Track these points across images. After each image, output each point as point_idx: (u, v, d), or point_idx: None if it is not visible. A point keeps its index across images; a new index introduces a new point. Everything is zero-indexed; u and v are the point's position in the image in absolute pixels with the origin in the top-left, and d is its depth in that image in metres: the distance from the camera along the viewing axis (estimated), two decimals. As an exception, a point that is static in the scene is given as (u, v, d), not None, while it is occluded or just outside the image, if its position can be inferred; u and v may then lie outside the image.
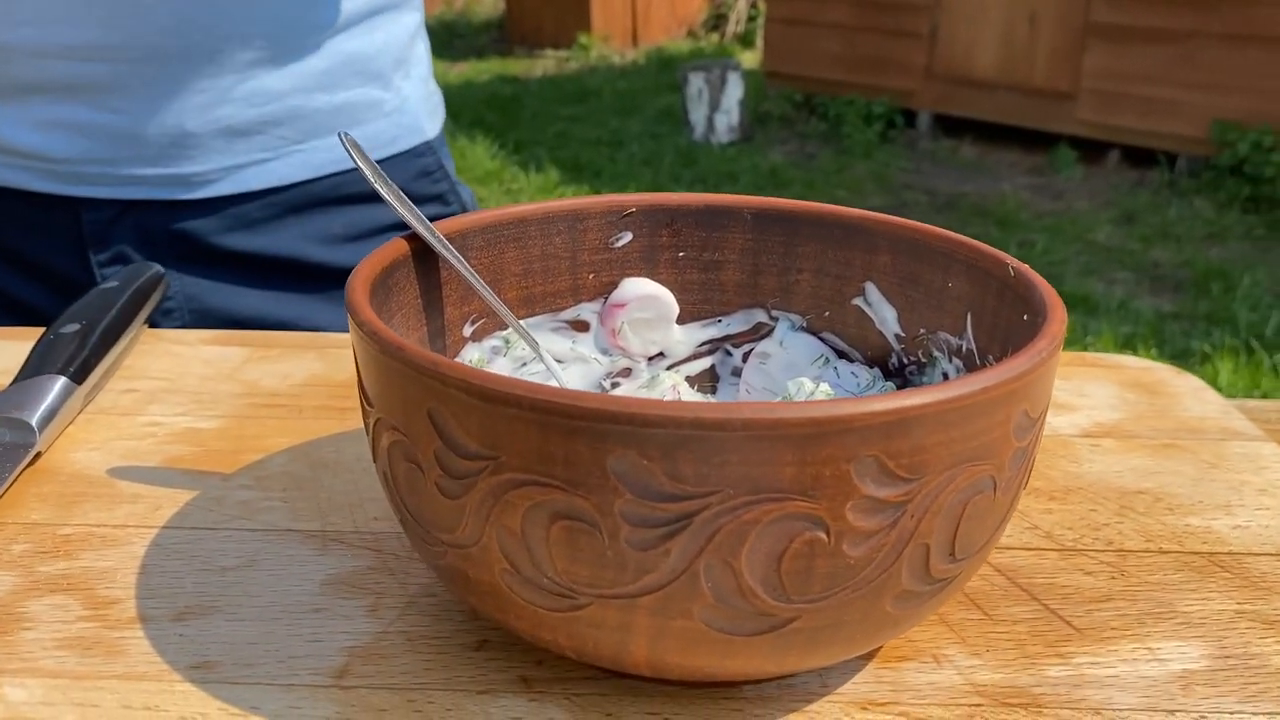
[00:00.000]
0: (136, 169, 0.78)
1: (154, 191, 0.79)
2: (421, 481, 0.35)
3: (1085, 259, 3.95)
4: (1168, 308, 3.53)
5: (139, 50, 0.74)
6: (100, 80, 0.74)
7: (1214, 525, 0.50)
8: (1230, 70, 4.51)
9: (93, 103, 0.75)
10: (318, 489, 0.52)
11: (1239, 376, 2.98)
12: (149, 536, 0.48)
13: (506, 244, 0.49)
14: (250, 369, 0.65)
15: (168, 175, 0.78)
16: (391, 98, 0.86)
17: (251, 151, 0.80)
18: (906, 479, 0.32)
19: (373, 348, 0.35)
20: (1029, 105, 5.21)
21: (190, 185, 0.79)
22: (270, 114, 0.79)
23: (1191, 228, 4.21)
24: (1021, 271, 0.42)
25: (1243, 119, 4.48)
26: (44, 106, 0.75)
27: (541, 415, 0.31)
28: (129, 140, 0.76)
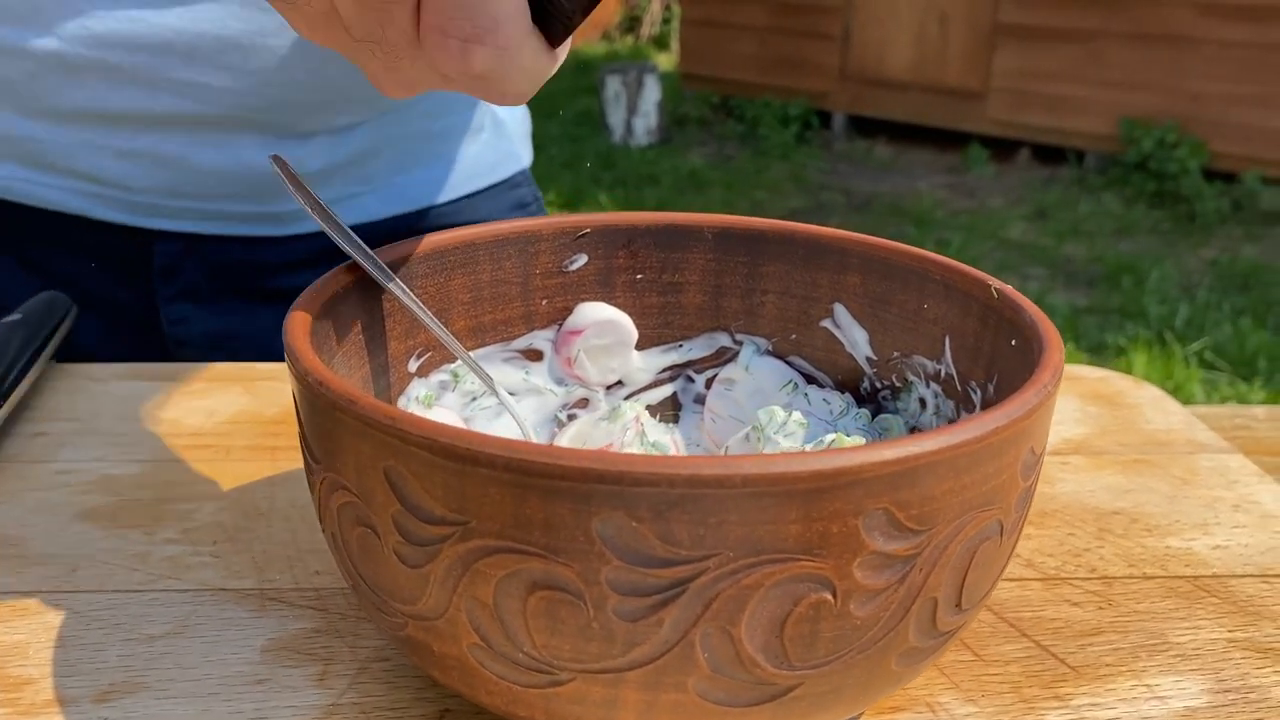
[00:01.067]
0: (223, 205, 0.71)
1: (238, 227, 0.72)
2: (378, 548, 0.31)
3: (1000, 255, 4.03)
4: (1082, 302, 3.61)
5: (259, 98, 0.66)
6: (202, 118, 0.67)
7: (1194, 546, 0.49)
8: (1136, 68, 4.64)
9: (187, 138, 0.68)
10: (252, 540, 0.48)
11: (1153, 369, 3.06)
12: (65, 603, 0.43)
13: (454, 270, 0.46)
14: (171, 406, 0.60)
15: (255, 213, 0.72)
16: (490, 120, 0.79)
17: (347, 184, 0.73)
18: (916, 530, 0.29)
19: (319, 400, 0.32)
20: (941, 105, 5.30)
21: (278, 222, 0.72)
22: (370, 146, 0.72)
23: (1101, 223, 4.32)
24: (1005, 293, 0.40)
25: (1148, 116, 4.61)
26: (130, 136, 0.67)
27: (517, 476, 0.28)
28: (219, 177, 0.69)
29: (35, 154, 0.68)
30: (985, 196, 4.71)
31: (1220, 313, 3.43)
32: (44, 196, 0.70)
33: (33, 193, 0.70)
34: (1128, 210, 4.44)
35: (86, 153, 0.68)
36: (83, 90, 0.65)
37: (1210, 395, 2.97)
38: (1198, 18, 4.48)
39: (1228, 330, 3.28)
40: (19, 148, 0.68)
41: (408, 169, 0.75)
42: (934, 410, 0.44)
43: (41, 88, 0.65)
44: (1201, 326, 3.32)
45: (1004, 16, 5.01)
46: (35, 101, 0.66)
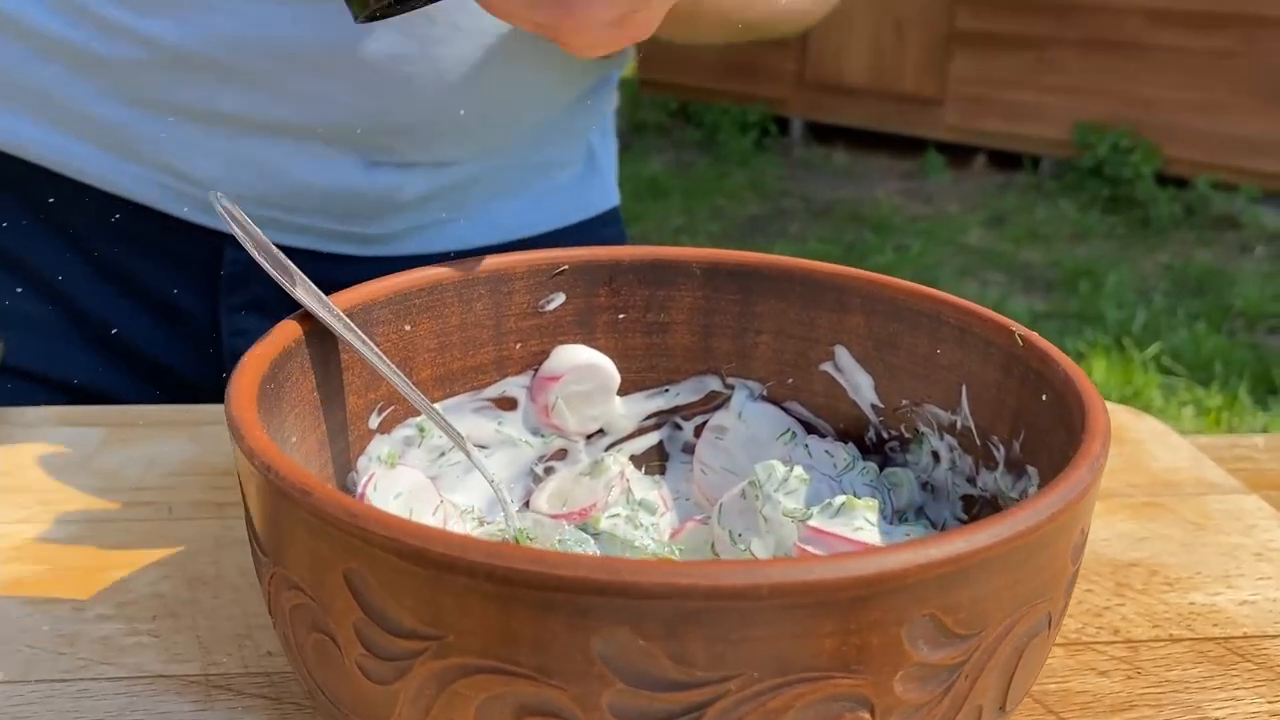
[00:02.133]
0: (312, 220, 0.66)
1: (320, 243, 0.68)
2: (338, 658, 0.27)
3: (959, 261, 4.03)
4: (1040, 307, 3.62)
5: (379, 122, 0.63)
6: (311, 130, 0.63)
7: (1219, 602, 0.45)
8: (1089, 75, 4.67)
9: (290, 149, 0.63)
10: (196, 615, 0.43)
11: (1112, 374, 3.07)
12: (-20, 698, 0.38)
13: (418, 315, 0.42)
14: (108, 455, 0.55)
15: (347, 232, 0.68)
16: (586, 155, 0.76)
17: (440, 211, 0.69)
18: (964, 636, 0.25)
19: (267, 487, 0.27)
20: (898, 111, 5.31)
21: (366, 243, 0.69)
22: (471, 174, 0.69)
23: (1058, 228, 4.34)
24: (1030, 341, 0.37)
25: (1102, 122, 4.65)
26: (229, 137, 0.63)
27: (502, 586, 0.23)
28: (314, 193, 0.65)
29: (124, 141, 0.64)
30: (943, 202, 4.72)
31: (1176, 317, 3.46)
32: (121, 184, 0.65)
33: (111, 179, 0.65)
34: (1083, 215, 4.47)
35: (179, 148, 0.64)
36: (193, 88, 0.61)
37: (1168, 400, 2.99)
38: (1148, 25, 4.52)
39: (1184, 334, 3.30)
40: (109, 134, 0.63)
41: (502, 198, 0.72)
42: (949, 465, 0.41)
43: (150, 78, 0.61)
44: (1158, 331, 3.34)
45: (959, 24, 5.03)
46: (137, 90, 0.62)
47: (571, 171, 0.76)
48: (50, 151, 0.64)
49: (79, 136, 0.64)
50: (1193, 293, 3.70)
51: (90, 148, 0.64)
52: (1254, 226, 4.26)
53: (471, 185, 0.70)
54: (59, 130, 0.64)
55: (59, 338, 0.68)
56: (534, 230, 0.73)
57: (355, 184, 0.65)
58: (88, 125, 0.63)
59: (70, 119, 0.63)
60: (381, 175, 0.65)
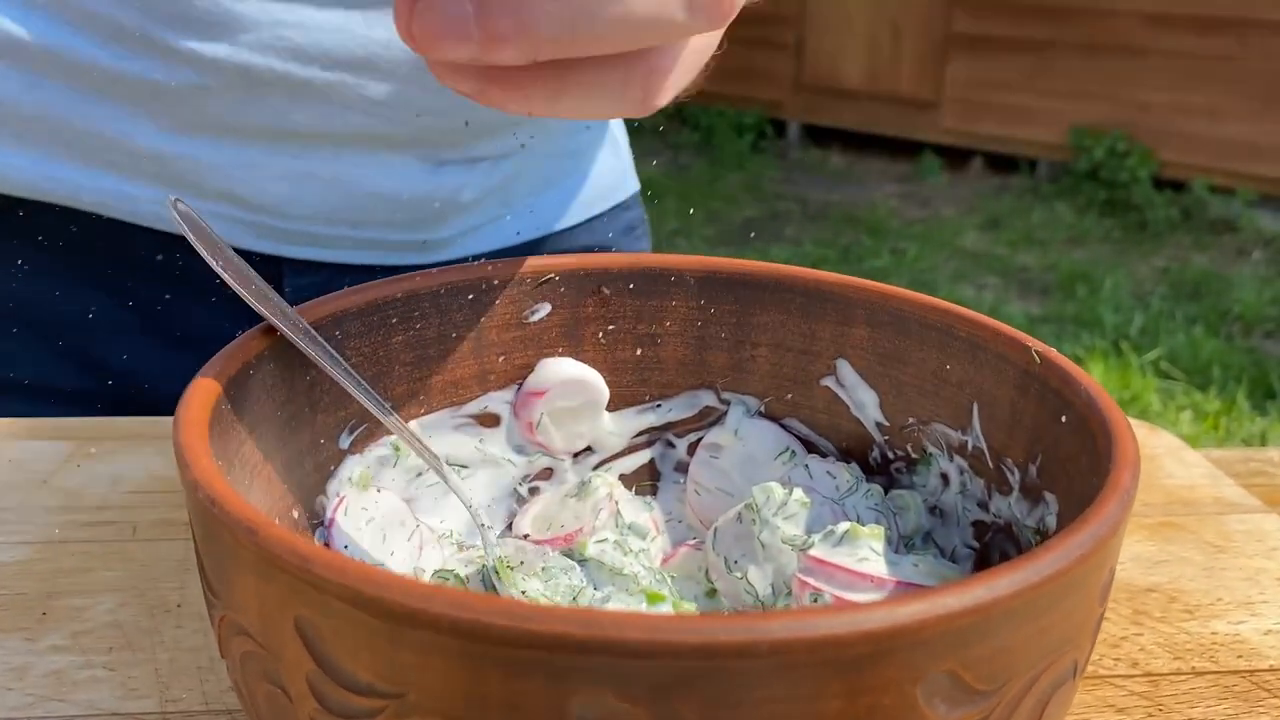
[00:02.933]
0: (378, 232, 0.64)
1: (385, 256, 0.65)
2: (290, 712, 0.24)
3: (955, 265, 4.01)
4: (1036, 311, 3.60)
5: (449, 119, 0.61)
6: (383, 137, 0.60)
7: (1242, 631, 0.43)
8: (1085, 78, 4.66)
9: (355, 158, 0.61)
10: (156, 647, 0.40)
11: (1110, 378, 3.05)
12: (-83, 739, 0.35)
13: (392, 327, 0.39)
14: (71, 472, 0.52)
15: (409, 241, 0.65)
16: (610, 138, 0.76)
17: (493, 208, 0.68)
18: (985, 692, 0.23)
19: (212, 522, 0.25)
20: (894, 114, 5.29)
21: (425, 250, 0.67)
22: (517, 168, 0.67)
23: (1054, 232, 4.32)
24: (1048, 358, 0.34)
25: (1098, 125, 4.63)
26: (295, 154, 0.60)
27: (469, 643, 0.21)
28: (381, 200, 0.63)
29: (183, 174, 0.60)
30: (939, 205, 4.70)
31: (1174, 321, 3.44)
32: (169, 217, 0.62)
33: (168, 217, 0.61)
34: (1080, 219, 4.45)
35: (244, 173, 0.60)
36: (261, 107, 0.58)
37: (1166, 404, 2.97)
38: (1145, 29, 4.50)
39: (1181, 339, 3.28)
40: (168, 168, 0.60)
41: (540, 190, 0.71)
42: (959, 488, 0.38)
43: (213, 104, 0.58)
44: (1156, 335, 3.32)
45: (956, 27, 5.02)
46: (199, 118, 0.58)
47: (600, 158, 0.75)
48: (105, 195, 0.60)
49: (136, 177, 0.60)
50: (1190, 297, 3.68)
51: (145, 186, 0.60)
52: (1251, 230, 4.25)
53: (519, 179, 0.68)
54: (114, 172, 0.60)
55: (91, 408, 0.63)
56: (572, 220, 0.72)
57: (421, 188, 0.63)
58: (144, 162, 0.60)
59: (128, 159, 0.60)
60: (446, 176, 0.64)
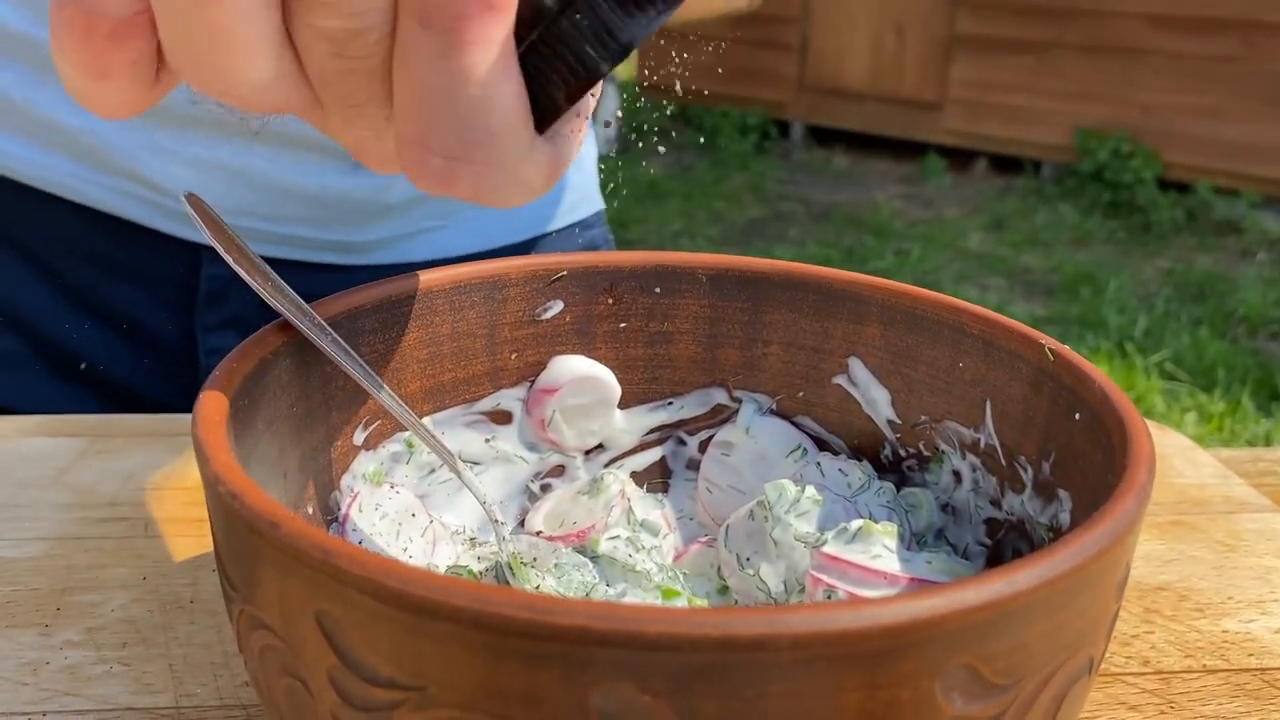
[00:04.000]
0: (295, 229, 0.64)
1: (306, 254, 0.65)
2: (310, 706, 0.25)
3: (959, 266, 4.01)
4: (1040, 312, 3.59)
5: None
6: (296, 137, 0.60)
7: (1253, 630, 0.43)
8: (1089, 79, 4.66)
9: (272, 155, 0.61)
10: (170, 642, 0.40)
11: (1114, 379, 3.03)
12: (-66, 733, 0.36)
13: (407, 324, 0.39)
14: (82, 469, 0.52)
15: (329, 240, 0.65)
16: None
17: (425, 218, 0.67)
18: (1003, 687, 0.23)
19: (232, 517, 0.25)
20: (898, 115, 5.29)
21: (349, 252, 0.66)
22: None
23: (1058, 233, 4.32)
24: (1061, 355, 0.34)
25: (1102, 126, 4.63)
26: (209, 144, 0.60)
27: (490, 635, 0.21)
28: (298, 200, 0.62)
29: (92, 149, 0.60)
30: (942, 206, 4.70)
31: (1178, 323, 3.44)
32: (90, 195, 0.62)
33: (79, 189, 0.62)
34: (1084, 220, 4.45)
35: (154, 156, 0.60)
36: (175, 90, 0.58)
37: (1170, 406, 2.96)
38: (1149, 30, 4.50)
39: (1186, 340, 3.28)
40: (77, 141, 0.60)
41: (475, 207, 0.69)
42: (972, 486, 0.38)
43: None
44: (1161, 337, 3.32)
45: (960, 28, 5.01)
46: None
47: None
48: (13, 161, 0.61)
49: (46, 146, 0.61)
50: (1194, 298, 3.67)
51: (58, 157, 0.61)
52: (1255, 232, 4.24)
53: None
54: (22, 138, 0.61)
55: (26, 369, 0.65)
56: (517, 237, 0.71)
57: (341, 188, 0.63)
58: (54, 133, 0.60)
59: (35, 126, 0.60)
60: (366, 177, 0.63)
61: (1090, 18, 4.60)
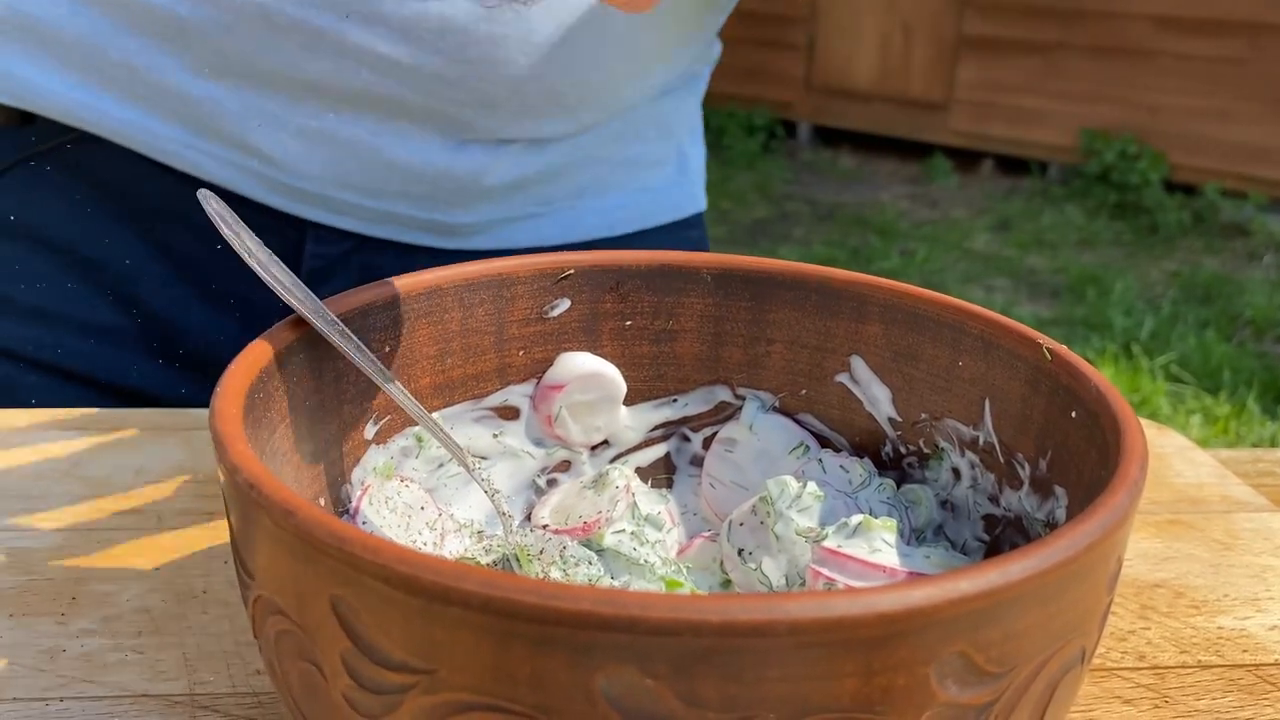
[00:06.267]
0: (394, 205, 0.63)
1: (408, 234, 0.65)
2: (324, 689, 0.25)
3: (964, 266, 4.01)
4: (1046, 314, 3.60)
5: (467, 92, 0.59)
6: (402, 106, 0.59)
7: (1248, 627, 0.44)
8: (1096, 80, 4.65)
9: (378, 125, 0.60)
10: (183, 631, 0.41)
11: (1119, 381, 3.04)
12: (-46, 717, 0.36)
13: (417, 320, 0.40)
14: (95, 461, 0.53)
15: (432, 221, 0.64)
16: (676, 154, 0.74)
17: (526, 204, 0.66)
18: (996, 675, 0.24)
19: (250, 505, 0.25)
20: (904, 115, 5.29)
21: (448, 234, 0.65)
22: (558, 164, 0.66)
23: (1064, 234, 4.31)
24: (1059, 354, 0.35)
25: (1109, 128, 4.62)
26: (318, 112, 0.59)
27: (498, 620, 0.22)
28: (399, 173, 0.62)
29: (205, 118, 0.60)
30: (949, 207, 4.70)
31: (1185, 325, 3.43)
32: (200, 164, 0.62)
33: (190, 158, 0.61)
34: (1090, 221, 4.45)
35: (263, 124, 0.60)
36: (278, 53, 0.57)
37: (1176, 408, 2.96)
38: (1156, 32, 4.50)
39: (1192, 342, 3.28)
40: (191, 109, 0.60)
41: (587, 195, 0.69)
42: (970, 483, 0.39)
43: (234, 45, 0.57)
44: (1167, 339, 3.32)
45: (967, 29, 5.01)
46: (221, 59, 0.58)
47: (662, 172, 0.73)
48: (131, 129, 0.61)
49: (161, 113, 0.61)
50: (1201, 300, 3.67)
51: (172, 125, 0.61)
52: (1262, 234, 4.24)
53: (556, 179, 0.66)
54: (141, 106, 0.60)
55: (132, 349, 0.65)
56: (618, 230, 0.70)
57: (442, 165, 0.62)
58: (170, 99, 0.60)
59: (152, 93, 0.60)
60: (469, 156, 0.62)
61: (1097, 19, 4.60)
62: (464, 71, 0.59)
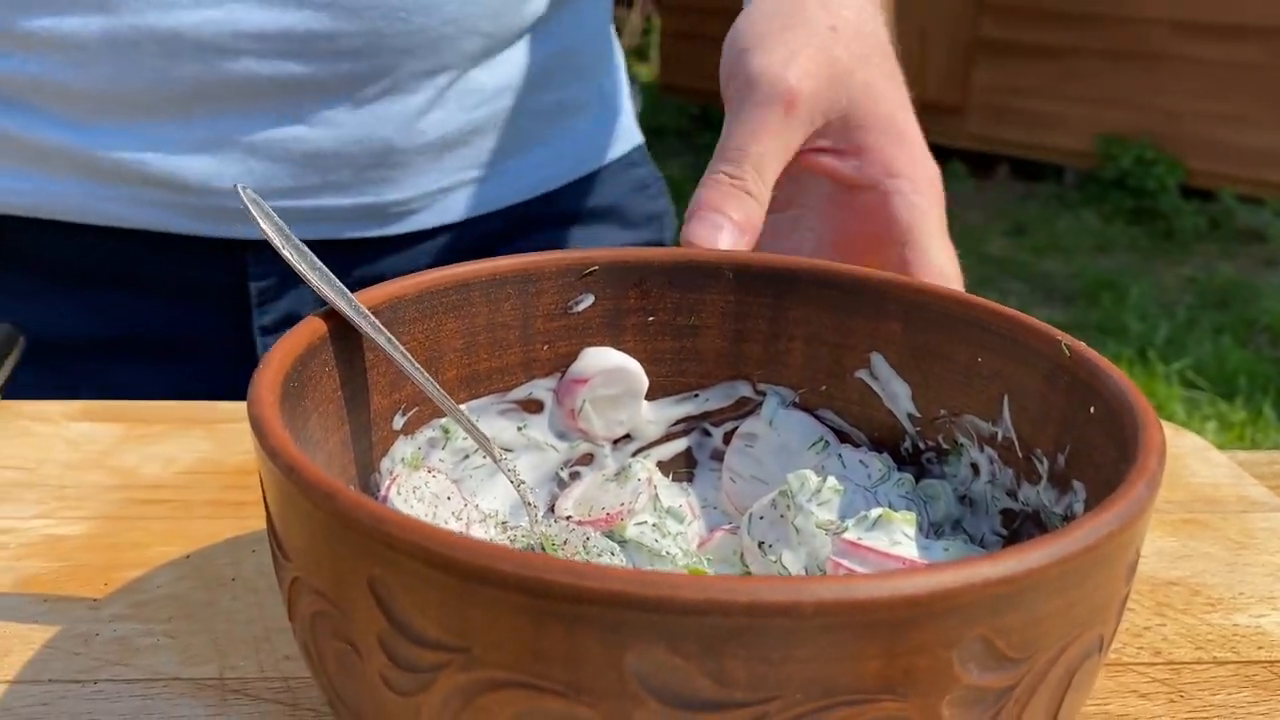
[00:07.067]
0: (324, 199, 0.61)
1: (342, 228, 0.62)
2: (359, 668, 0.26)
3: (979, 271, 4.00)
4: (1060, 318, 3.59)
5: (353, 40, 0.56)
6: (295, 82, 0.57)
7: (1263, 624, 0.44)
8: (1112, 85, 4.64)
9: (278, 113, 0.58)
10: (213, 617, 0.42)
11: (1135, 386, 3.03)
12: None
13: (445, 314, 0.41)
14: (125, 452, 0.54)
15: (362, 206, 0.62)
16: (598, 95, 0.72)
17: (460, 169, 0.64)
18: (1016, 660, 0.24)
19: (288, 488, 0.26)
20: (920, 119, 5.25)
21: (388, 218, 0.63)
22: (481, 119, 0.63)
23: (1080, 239, 4.30)
24: (1078, 351, 0.35)
25: (1125, 133, 4.61)
26: (211, 120, 0.57)
27: (533, 599, 0.22)
28: (319, 162, 0.59)
29: (98, 163, 0.57)
30: (964, 211, 4.69)
31: (1201, 330, 3.42)
32: (114, 213, 0.59)
33: (102, 210, 0.59)
34: (1106, 226, 4.43)
35: (157, 151, 0.57)
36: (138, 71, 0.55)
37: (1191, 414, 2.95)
38: (1173, 36, 4.48)
39: (1208, 348, 3.27)
40: (80, 158, 0.57)
41: (515, 152, 0.67)
42: (989, 478, 0.39)
43: (91, 79, 0.55)
44: (1182, 345, 3.31)
45: (983, 32, 5.01)
46: (87, 100, 0.56)
47: (585, 115, 0.71)
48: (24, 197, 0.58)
49: (51, 172, 0.58)
50: (1217, 306, 3.66)
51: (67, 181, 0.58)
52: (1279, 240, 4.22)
53: (479, 136, 0.64)
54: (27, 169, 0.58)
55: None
56: (558, 182, 0.69)
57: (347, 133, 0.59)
58: (55, 157, 0.58)
59: (34, 154, 0.58)
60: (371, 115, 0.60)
61: (1114, 24, 4.59)
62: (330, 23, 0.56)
